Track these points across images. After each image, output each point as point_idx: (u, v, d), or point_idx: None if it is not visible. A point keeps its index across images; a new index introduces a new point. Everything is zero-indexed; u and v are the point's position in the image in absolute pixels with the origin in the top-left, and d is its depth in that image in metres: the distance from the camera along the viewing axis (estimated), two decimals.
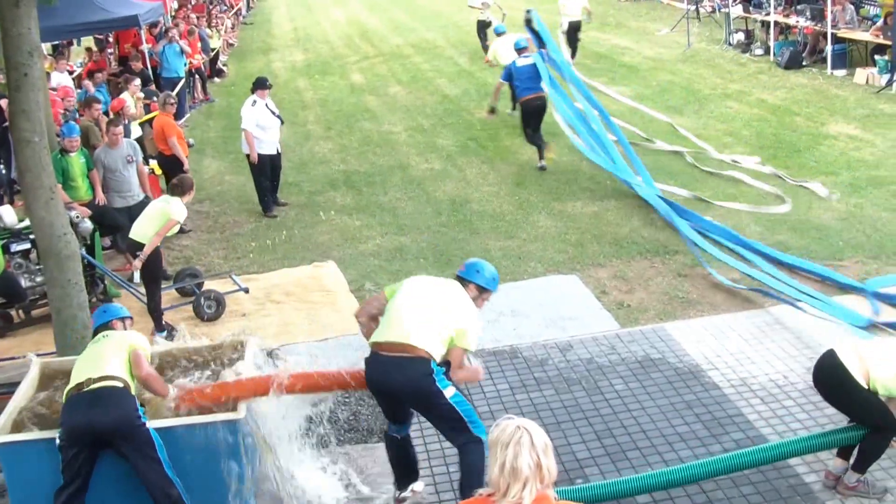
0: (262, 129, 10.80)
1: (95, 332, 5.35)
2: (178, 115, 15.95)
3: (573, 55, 18.13)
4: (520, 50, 12.05)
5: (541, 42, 12.30)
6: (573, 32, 18.40)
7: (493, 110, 12.96)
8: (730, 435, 5.84)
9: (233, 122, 16.41)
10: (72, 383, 4.83)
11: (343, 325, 7.74)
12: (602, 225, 9.76)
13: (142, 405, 4.88)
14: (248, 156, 10.96)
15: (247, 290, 8.47)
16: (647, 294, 8.05)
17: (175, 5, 23.21)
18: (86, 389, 4.73)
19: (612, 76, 17.26)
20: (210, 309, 8.09)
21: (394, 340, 4.80)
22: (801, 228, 9.29)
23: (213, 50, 20.51)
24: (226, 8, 28.09)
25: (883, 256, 8.46)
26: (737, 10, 19.76)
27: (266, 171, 10.99)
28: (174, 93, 13.71)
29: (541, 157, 11.96)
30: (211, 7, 25.71)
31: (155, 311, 7.88)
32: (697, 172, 11.32)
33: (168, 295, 8.42)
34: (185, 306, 8.33)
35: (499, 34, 15.19)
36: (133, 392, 4.83)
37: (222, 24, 24.61)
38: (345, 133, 14.93)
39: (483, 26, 19.31)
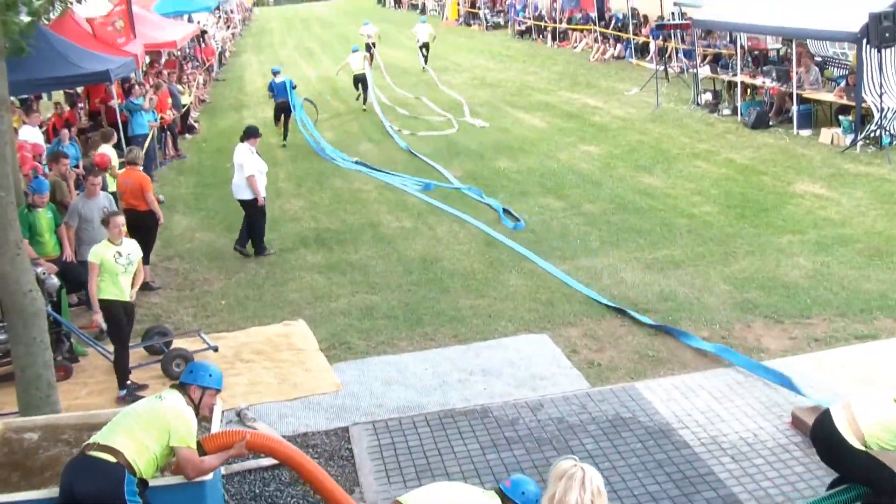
0: (261, 173, 11.52)
1: (173, 384, 5.24)
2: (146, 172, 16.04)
3: (425, 62, 28.76)
4: (275, 73, 19.36)
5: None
6: (423, 48, 28.86)
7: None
8: (701, 494, 5.92)
9: (204, 179, 16.60)
10: (91, 438, 4.83)
11: (312, 385, 7.76)
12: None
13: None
14: (246, 202, 11.53)
15: (216, 349, 8.47)
16: (618, 353, 8.17)
17: (147, 61, 23.37)
18: (87, 453, 4.72)
19: (581, 135, 17.68)
20: (178, 368, 8.05)
21: None
22: (769, 286, 9.49)
23: (184, 106, 20.69)
24: (198, 64, 28.40)
25: (850, 314, 8.66)
26: (704, 71, 20.38)
27: (264, 212, 11.75)
28: (144, 150, 13.81)
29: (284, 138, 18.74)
30: (183, 63, 25.99)
31: (121, 369, 7.84)
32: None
33: (136, 353, 8.39)
34: (153, 365, 8.31)
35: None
36: (135, 469, 4.69)
37: (194, 80, 24.85)
38: (316, 190, 15.07)
39: (368, 48, 26.80)
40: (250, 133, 11.69)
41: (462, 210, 13.09)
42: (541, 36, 34.45)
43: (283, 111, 19.06)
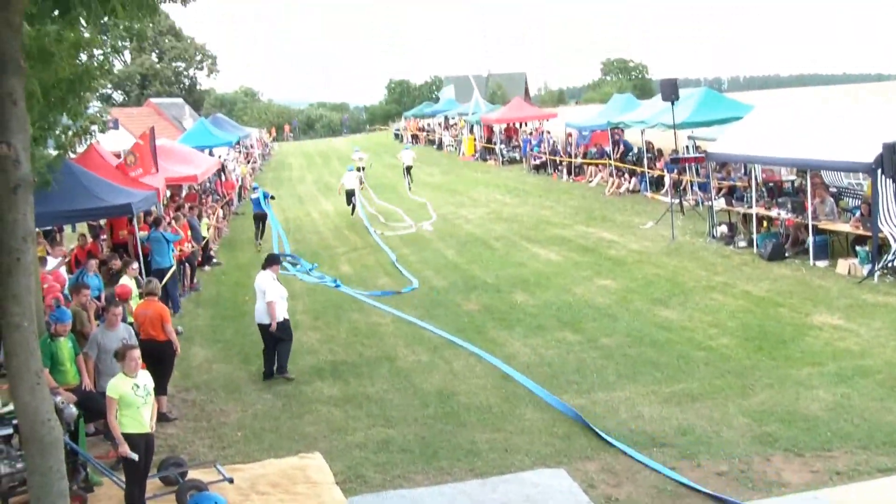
0: (282, 298, 12.42)
1: None
2: (173, 308, 16.42)
3: (410, 184, 35.10)
4: (254, 189, 25.25)
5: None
6: (407, 171, 35.76)
7: None
8: None
9: (222, 311, 16.98)
10: None
11: None
12: (589, 417, 10.01)
13: None
14: (265, 326, 12.31)
15: (231, 481, 8.58)
16: (636, 488, 8.22)
17: (168, 194, 24.23)
18: None
19: (597, 269, 18.04)
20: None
21: None
22: (789, 419, 9.57)
23: (203, 239, 21.34)
24: (218, 198, 29.36)
25: (872, 446, 8.70)
26: (720, 204, 20.79)
27: (291, 335, 12.65)
28: (163, 282, 14.24)
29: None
30: (203, 197, 26.91)
31: (133, 501, 7.95)
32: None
33: (151, 483, 8.51)
34: (167, 496, 8.41)
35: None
36: None
37: (213, 214, 25.66)
38: (333, 323, 15.39)
39: (358, 170, 30.76)
40: (272, 261, 12.66)
41: (480, 346, 13.33)
42: (556, 170, 35.50)
43: (259, 220, 24.51)
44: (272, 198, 24.20)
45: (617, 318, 14.27)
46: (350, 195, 28.00)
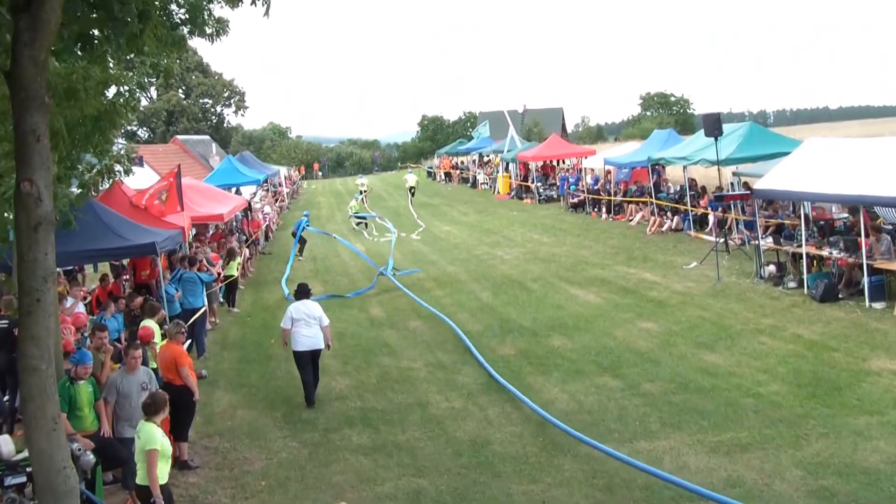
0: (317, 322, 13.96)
1: None
2: (198, 351, 16.52)
3: (412, 199, 45.44)
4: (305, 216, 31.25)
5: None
6: (410, 192, 46.03)
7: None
8: None
9: (247, 354, 17.04)
10: None
11: None
12: (631, 469, 9.82)
13: None
14: (317, 352, 13.71)
15: None
16: None
17: (193, 233, 24.49)
18: None
19: (639, 311, 17.86)
20: None
21: None
22: (847, 472, 9.32)
23: (229, 278, 21.51)
24: (245, 238, 29.63)
25: None
26: (767, 243, 20.51)
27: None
28: (188, 323, 14.33)
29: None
30: (229, 235, 27.16)
31: None
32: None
33: None
34: None
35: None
36: None
37: (240, 254, 25.84)
38: (363, 368, 15.38)
39: (360, 192, 43.77)
40: (308, 291, 14.18)
41: (516, 386, 13.22)
42: (595, 209, 35.42)
43: (302, 241, 29.78)
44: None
45: (660, 362, 14.09)
46: (358, 217, 38.88)
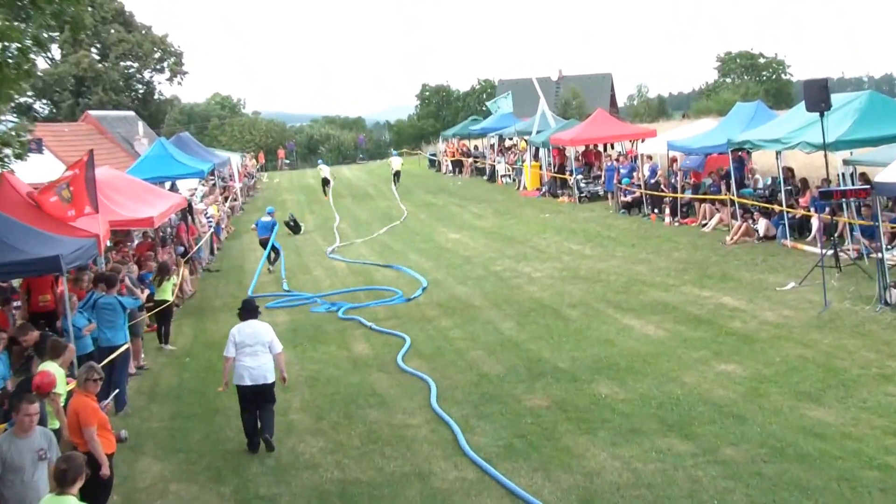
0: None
1: None
2: (116, 404, 16.37)
3: (397, 183, 56.02)
4: (270, 213, 33.83)
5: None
6: (396, 176, 57.06)
7: None
8: None
9: (185, 407, 16.98)
10: None
11: None
12: None
13: None
14: (269, 385, 14.42)
15: None
16: None
17: (109, 243, 24.32)
18: None
19: (716, 349, 17.77)
20: None
21: None
22: None
23: (160, 304, 21.43)
24: (183, 249, 29.61)
25: None
26: (894, 255, 20.30)
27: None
28: (103, 364, 14.26)
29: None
30: (161, 246, 27.08)
31: None
32: None
33: None
34: None
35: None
36: None
37: (176, 272, 25.79)
38: (342, 425, 15.31)
39: (325, 182, 54.67)
40: (255, 308, 14.92)
41: (549, 458, 13.10)
42: (655, 210, 35.37)
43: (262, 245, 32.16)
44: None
45: (745, 419, 13.97)
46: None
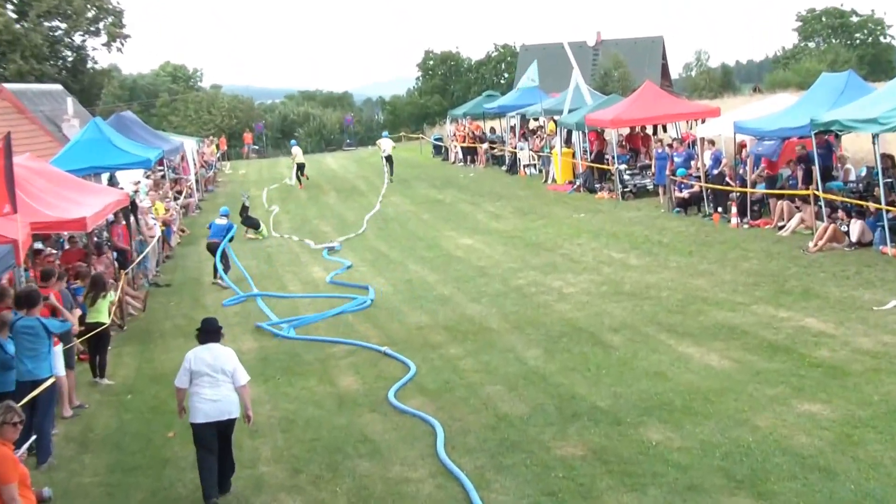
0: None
1: None
2: (38, 455, 16.36)
3: (391, 174, 58.46)
4: (225, 215, 33.93)
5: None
6: (388, 161, 59.20)
7: None
8: None
9: (125, 458, 16.98)
10: None
11: None
12: None
13: None
14: (231, 422, 14.57)
15: None
16: None
17: (31, 249, 24.29)
18: None
19: (797, 383, 17.71)
20: None
21: None
22: None
23: (95, 328, 21.34)
24: (120, 258, 29.51)
25: None
26: None
27: None
28: (22, 404, 14.20)
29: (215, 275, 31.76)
30: (94, 255, 26.97)
31: None
32: None
33: None
34: None
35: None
36: None
37: (114, 286, 25.75)
38: (324, 480, 15.32)
39: (300, 167, 61.08)
40: (216, 329, 15.03)
41: None
42: (718, 208, 35.30)
43: (212, 250, 32.48)
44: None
45: (835, 473, 13.97)
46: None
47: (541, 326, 23.13)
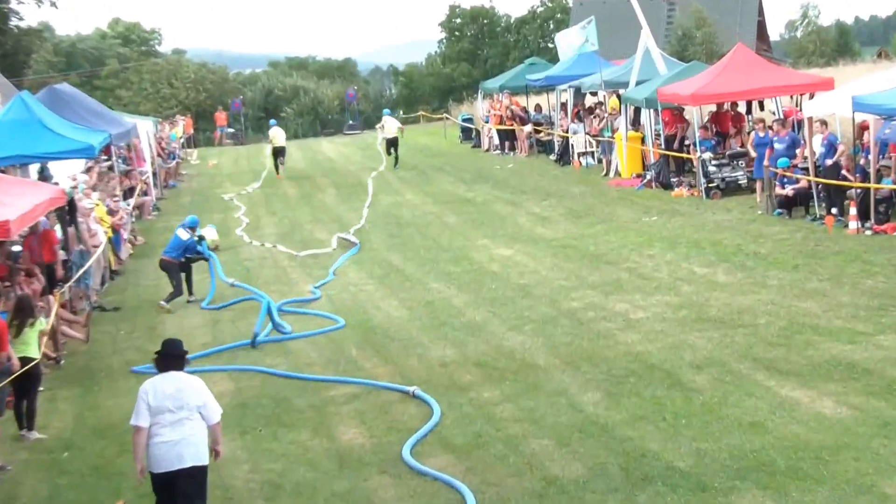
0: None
1: None
2: None
3: (395, 164, 63.23)
4: (191, 227, 33.94)
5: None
6: (391, 146, 64.09)
7: None
8: None
9: None
10: None
11: None
12: None
13: None
14: (201, 469, 14.91)
15: None
16: None
17: None
18: None
19: None
20: None
21: None
22: None
23: (23, 364, 21.40)
24: (45, 273, 29.57)
25: None
26: None
27: None
28: None
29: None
30: (15, 272, 26.96)
31: None
32: None
33: None
34: None
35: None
36: None
37: (44, 310, 25.80)
38: None
39: (277, 153, 64.72)
40: (181, 353, 15.38)
41: None
42: (833, 210, 35.22)
43: (178, 269, 33.19)
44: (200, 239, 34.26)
45: None
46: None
47: (601, 363, 23.07)
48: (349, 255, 37.72)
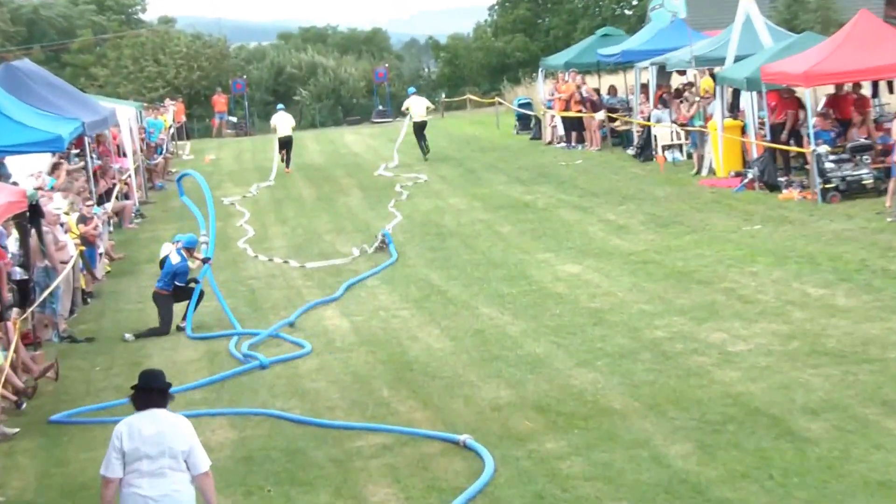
0: None
1: None
2: None
3: (426, 150, 67.86)
4: (189, 247, 34.73)
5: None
6: (420, 131, 67.87)
7: None
8: None
9: None
10: None
11: None
12: None
13: None
14: None
15: None
16: None
17: None
18: None
19: None
20: None
21: None
22: None
23: None
24: (15, 295, 29.75)
25: None
26: None
27: None
28: None
29: None
30: None
31: None
32: None
33: None
34: None
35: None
36: None
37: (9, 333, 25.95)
38: None
39: (283, 144, 67.98)
40: (164, 387, 15.23)
41: None
42: None
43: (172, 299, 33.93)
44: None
45: None
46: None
47: (692, 407, 23.00)
48: (380, 269, 37.83)
